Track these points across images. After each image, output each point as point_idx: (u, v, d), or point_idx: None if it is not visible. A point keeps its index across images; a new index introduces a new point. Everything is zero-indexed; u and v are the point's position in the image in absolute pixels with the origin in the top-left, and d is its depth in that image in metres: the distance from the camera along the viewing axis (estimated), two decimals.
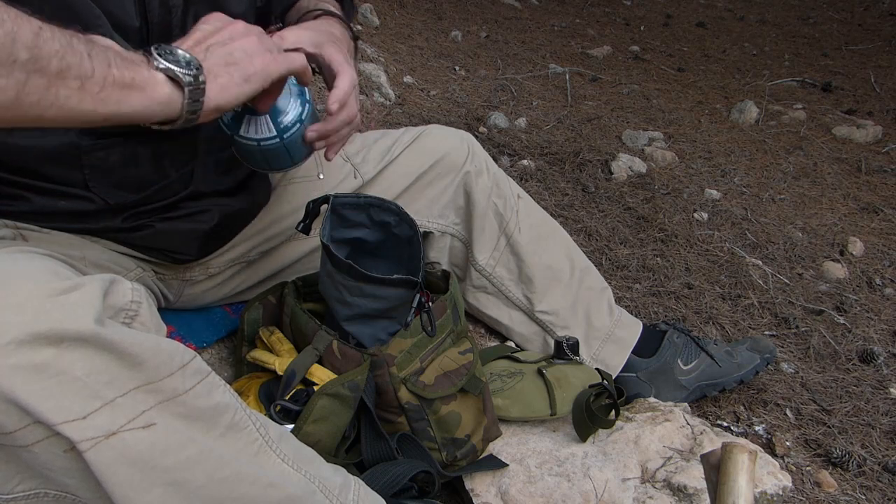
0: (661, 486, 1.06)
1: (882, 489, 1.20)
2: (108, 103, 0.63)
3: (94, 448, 0.58)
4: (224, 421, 0.67)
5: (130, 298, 0.65)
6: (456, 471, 1.04)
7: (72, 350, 0.56)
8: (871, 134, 2.79)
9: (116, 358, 0.59)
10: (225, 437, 0.67)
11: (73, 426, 0.57)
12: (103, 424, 0.58)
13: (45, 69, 0.58)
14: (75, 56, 0.60)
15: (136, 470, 0.61)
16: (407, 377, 0.99)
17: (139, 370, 0.60)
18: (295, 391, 0.95)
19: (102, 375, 0.58)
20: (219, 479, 0.66)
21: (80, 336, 0.56)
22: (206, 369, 0.67)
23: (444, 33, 3.48)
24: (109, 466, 0.60)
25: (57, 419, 0.56)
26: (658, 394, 1.30)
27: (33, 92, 0.58)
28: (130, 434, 0.60)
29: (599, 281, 1.36)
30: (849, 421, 1.34)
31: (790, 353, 1.53)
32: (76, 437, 0.58)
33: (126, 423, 0.60)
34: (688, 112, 2.94)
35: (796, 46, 4.17)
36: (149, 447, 0.61)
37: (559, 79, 3.15)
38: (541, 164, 2.26)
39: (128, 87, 0.64)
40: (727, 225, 2.04)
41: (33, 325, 0.55)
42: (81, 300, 0.58)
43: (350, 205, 1.05)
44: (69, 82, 0.60)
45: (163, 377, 0.62)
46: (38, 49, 0.58)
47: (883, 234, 2.09)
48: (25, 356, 0.55)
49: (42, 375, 0.55)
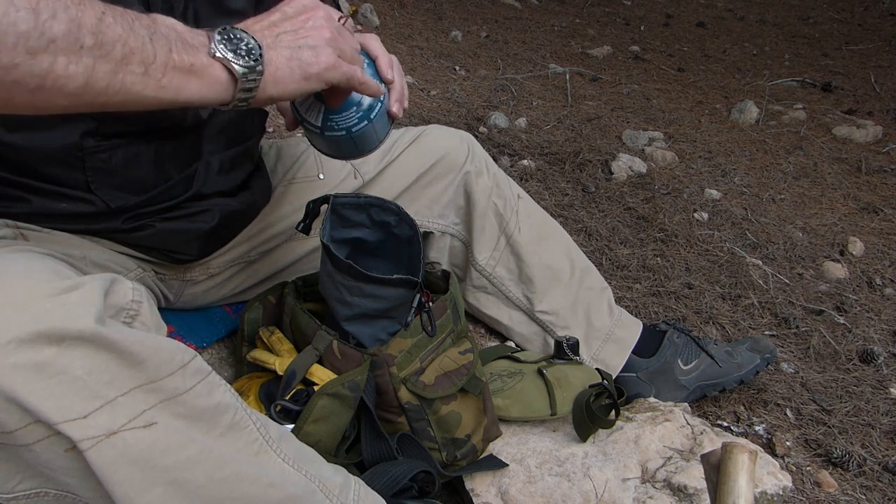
0: (661, 486, 1.06)
1: (882, 489, 1.20)
2: (168, 90, 0.63)
3: (95, 447, 0.58)
4: (224, 420, 0.67)
5: (131, 298, 0.65)
6: (456, 471, 1.04)
7: (73, 349, 0.56)
8: (871, 134, 2.79)
9: (117, 357, 0.59)
10: (225, 436, 0.67)
11: (73, 425, 0.57)
12: (104, 424, 0.58)
13: (110, 54, 0.58)
14: (138, 40, 0.60)
15: (136, 469, 0.61)
16: (407, 377, 0.99)
17: (140, 369, 0.60)
18: (295, 391, 0.96)
19: (103, 374, 0.58)
20: (219, 478, 0.66)
21: (80, 335, 0.56)
22: (207, 369, 0.67)
23: (444, 33, 3.48)
24: (110, 466, 0.60)
25: (57, 418, 0.56)
26: (658, 394, 1.30)
27: (102, 78, 0.58)
28: (131, 433, 0.60)
29: (599, 281, 1.36)
30: (849, 421, 1.34)
31: (790, 353, 1.53)
32: (77, 436, 0.58)
33: (127, 423, 0.59)
34: (688, 112, 2.95)
35: (796, 46, 4.17)
36: (149, 446, 0.61)
37: (559, 79, 3.15)
38: (541, 164, 2.26)
39: (187, 73, 0.63)
40: (727, 225, 2.04)
41: (34, 324, 0.55)
42: (82, 299, 0.58)
43: (350, 205, 1.05)
44: (133, 67, 0.60)
45: (163, 376, 0.62)
46: (102, 34, 0.57)
47: (883, 234, 2.09)
48: (26, 355, 0.54)
49: (43, 374, 0.55)
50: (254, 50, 0.66)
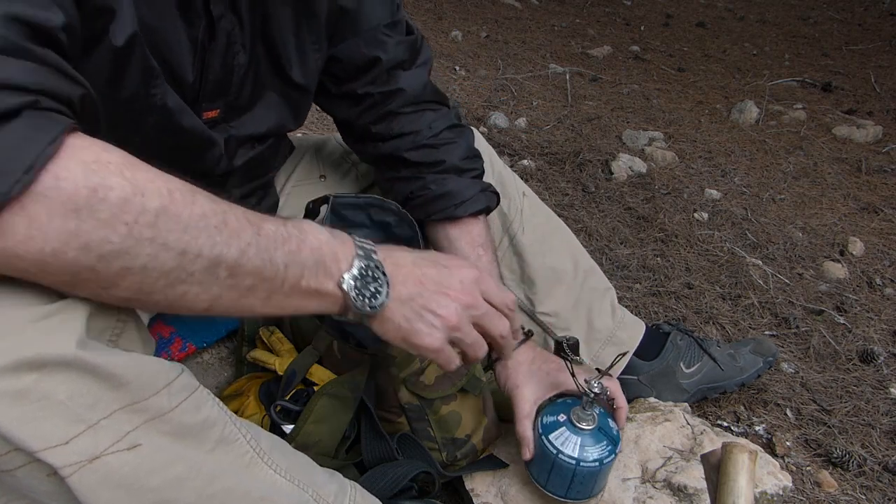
0: (661, 486, 1.05)
1: (882, 489, 1.20)
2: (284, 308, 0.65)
3: (77, 473, 0.57)
4: (213, 435, 0.66)
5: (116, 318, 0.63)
6: (456, 471, 1.04)
7: (54, 374, 0.55)
8: (871, 134, 2.79)
9: (100, 380, 0.57)
10: (214, 451, 0.66)
11: (53, 452, 0.56)
12: (86, 448, 0.57)
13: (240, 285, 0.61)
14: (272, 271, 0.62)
15: (121, 492, 0.60)
16: (407, 377, 0.99)
17: (123, 391, 0.59)
18: (295, 391, 0.96)
19: (86, 398, 0.57)
20: (209, 495, 0.64)
21: (62, 360, 0.55)
22: (194, 384, 0.65)
23: (444, 33, 3.48)
24: (94, 490, 0.58)
25: (36, 446, 0.55)
26: (659, 396, 1.29)
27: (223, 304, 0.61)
28: (114, 457, 0.58)
29: (603, 282, 1.35)
30: (849, 421, 1.34)
31: (790, 353, 1.53)
32: (57, 463, 0.56)
33: (110, 446, 0.58)
34: (688, 112, 2.95)
35: (796, 46, 4.17)
36: (133, 469, 0.60)
37: (559, 79, 3.15)
38: (541, 164, 2.26)
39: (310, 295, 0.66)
40: (727, 225, 2.04)
41: (14, 352, 0.54)
42: (64, 324, 0.57)
43: (350, 205, 1.05)
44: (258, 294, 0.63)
45: (148, 396, 0.60)
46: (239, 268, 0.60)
47: (883, 234, 2.09)
48: (7, 383, 0.53)
49: (23, 401, 0.54)
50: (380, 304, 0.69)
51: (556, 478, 0.94)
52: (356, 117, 1.04)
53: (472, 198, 1.05)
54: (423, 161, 1.05)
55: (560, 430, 0.93)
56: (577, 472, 0.92)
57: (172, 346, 1.08)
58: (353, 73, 1.01)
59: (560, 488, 0.95)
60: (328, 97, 1.04)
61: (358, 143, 1.10)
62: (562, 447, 0.92)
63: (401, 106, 1.03)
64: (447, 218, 1.05)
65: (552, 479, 0.95)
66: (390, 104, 1.03)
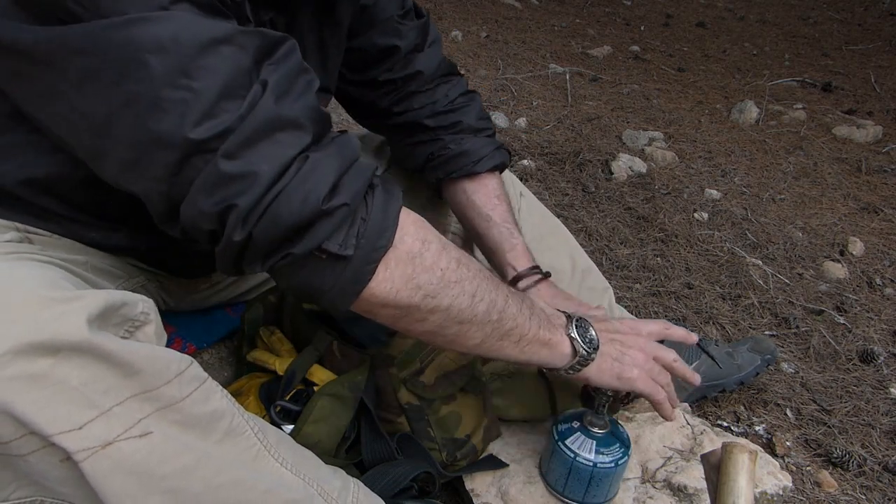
0: (661, 486, 1.06)
1: (882, 489, 1.20)
2: (526, 353, 0.82)
3: (90, 458, 0.58)
4: (222, 427, 0.66)
5: (140, 310, 0.64)
6: (456, 471, 1.04)
7: (68, 359, 0.56)
8: (871, 134, 2.79)
9: (113, 367, 0.58)
10: (222, 442, 0.66)
11: (68, 437, 0.57)
12: (99, 434, 0.58)
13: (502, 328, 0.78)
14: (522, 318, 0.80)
15: (133, 479, 0.60)
16: (407, 377, 0.99)
17: (136, 379, 0.59)
18: (295, 391, 0.95)
19: (99, 384, 0.57)
20: (216, 485, 0.65)
21: (76, 346, 0.56)
22: (203, 375, 0.66)
23: (444, 33, 3.47)
24: (106, 476, 0.59)
25: (51, 430, 0.56)
26: None
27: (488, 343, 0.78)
28: (127, 443, 0.59)
29: (601, 281, 1.36)
30: (849, 421, 1.34)
31: (790, 353, 1.53)
32: (72, 447, 0.57)
33: (123, 433, 0.59)
34: (688, 112, 2.95)
35: (796, 46, 4.17)
36: (145, 456, 0.60)
37: (559, 79, 3.15)
38: (541, 164, 2.26)
39: (544, 345, 0.83)
40: (727, 225, 2.04)
41: (30, 335, 0.54)
42: (78, 310, 0.57)
43: None
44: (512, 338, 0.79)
45: (160, 385, 0.61)
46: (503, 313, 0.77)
47: (883, 234, 2.09)
48: (21, 367, 0.54)
49: (38, 385, 0.55)
50: (594, 341, 0.87)
51: (573, 482, 0.98)
52: (375, 100, 1.09)
53: (488, 154, 1.11)
54: (440, 125, 1.10)
55: (575, 435, 0.98)
56: (594, 474, 0.96)
57: (172, 346, 1.08)
58: (372, 62, 1.05)
59: (578, 493, 0.98)
60: (343, 82, 1.06)
61: (370, 119, 1.14)
62: (579, 451, 0.97)
63: (420, 86, 1.09)
64: (466, 175, 1.11)
65: (570, 485, 0.98)
66: (410, 86, 1.08)
